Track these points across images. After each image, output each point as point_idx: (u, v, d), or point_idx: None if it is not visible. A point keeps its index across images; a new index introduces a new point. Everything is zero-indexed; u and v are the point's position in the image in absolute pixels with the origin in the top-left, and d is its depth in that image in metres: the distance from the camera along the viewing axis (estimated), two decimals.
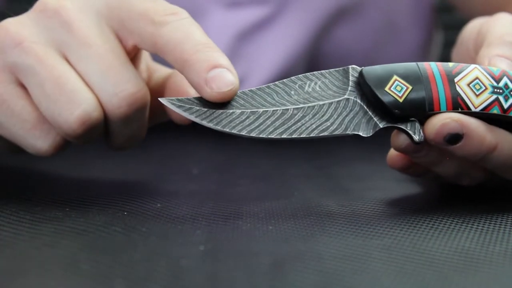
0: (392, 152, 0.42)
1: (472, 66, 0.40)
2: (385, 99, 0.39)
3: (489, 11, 0.46)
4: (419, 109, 0.39)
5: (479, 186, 0.46)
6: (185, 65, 0.39)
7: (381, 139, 0.42)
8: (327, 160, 0.57)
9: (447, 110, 0.39)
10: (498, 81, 0.39)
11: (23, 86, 0.41)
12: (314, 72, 0.40)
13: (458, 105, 0.39)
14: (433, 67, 0.39)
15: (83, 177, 0.50)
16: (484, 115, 0.39)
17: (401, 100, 0.39)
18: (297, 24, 0.69)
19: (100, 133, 0.41)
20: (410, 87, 0.39)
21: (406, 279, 0.30)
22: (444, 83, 0.39)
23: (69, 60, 0.40)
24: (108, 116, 0.40)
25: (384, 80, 0.39)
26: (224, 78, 0.38)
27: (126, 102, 0.40)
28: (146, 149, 0.60)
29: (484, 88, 0.39)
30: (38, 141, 0.41)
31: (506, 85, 0.39)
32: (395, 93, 0.39)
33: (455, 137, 0.39)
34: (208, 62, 0.38)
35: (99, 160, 0.57)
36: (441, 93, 0.39)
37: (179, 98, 0.38)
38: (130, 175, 0.51)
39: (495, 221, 0.38)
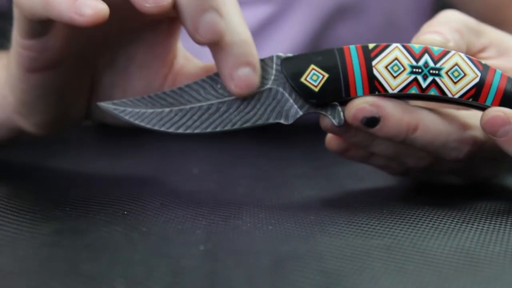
0: (330, 134, 0.43)
1: (394, 45, 0.40)
2: (300, 89, 0.40)
3: (489, 11, 0.46)
4: (336, 96, 0.40)
5: (479, 186, 0.46)
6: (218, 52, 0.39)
7: None
8: (327, 160, 0.57)
9: (364, 95, 0.40)
10: (418, 60, 0.39)
11: None
12: None
13: (375, 88, 0.40)
14: (352, 52, 0.40)
15: (83, 177, 0.50)
16: (402, 96, 0.40)
17: (316, 90, 0.40)
18: (299, 23, 0.69)
19: None
20: (327, 75, 0.40)
21: (406, 279, 0.30)
22: (362, 68, 0.39)
23: None
24: None
25: (301, 70, 0.40)
26: (249, 79, 0.39)
27: None
28: (146, 149, 0.60)
29: (402, 69, 0.39)
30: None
31: (425, 64, 0.39)
32: (310, 83, 0.40)
33: (372, 120, 0.39)
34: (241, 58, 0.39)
35: (99, 160, 0.57)
36: (358, 79, 0.39)
37: (114, 101, 0.41)
38: (130, 175, 0.51)
39: (495, 221, 0.39)
